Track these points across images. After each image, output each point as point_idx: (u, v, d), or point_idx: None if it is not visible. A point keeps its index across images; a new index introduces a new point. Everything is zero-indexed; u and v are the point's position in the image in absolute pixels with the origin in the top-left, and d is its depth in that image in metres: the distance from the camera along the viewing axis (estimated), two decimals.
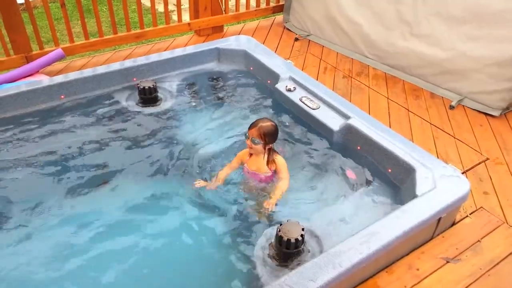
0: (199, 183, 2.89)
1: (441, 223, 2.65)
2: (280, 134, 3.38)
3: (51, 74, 4.22)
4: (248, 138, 2.82)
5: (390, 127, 3.38)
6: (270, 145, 2.86)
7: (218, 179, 2.91)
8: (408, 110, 3.97)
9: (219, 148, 3.32)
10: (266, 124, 2.82)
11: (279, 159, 2.91)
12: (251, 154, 2.93)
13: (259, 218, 2.72)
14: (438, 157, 3.27)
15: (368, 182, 2.97)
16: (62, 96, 3.58)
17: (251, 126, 2.83)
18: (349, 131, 3.16)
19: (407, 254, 2.59)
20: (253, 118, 3.61)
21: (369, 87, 4.32)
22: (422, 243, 2.66)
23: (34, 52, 4.29)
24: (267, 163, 2.88)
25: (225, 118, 3.70)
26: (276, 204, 2.74)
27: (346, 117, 3.23)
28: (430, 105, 4.05)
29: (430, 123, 3.80)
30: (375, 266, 2.42)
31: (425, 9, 4.11)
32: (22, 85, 3.55)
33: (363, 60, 4.79)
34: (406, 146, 2.96)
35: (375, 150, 3.01)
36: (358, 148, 3.13)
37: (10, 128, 3.35)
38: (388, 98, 4.15)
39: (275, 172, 2.91)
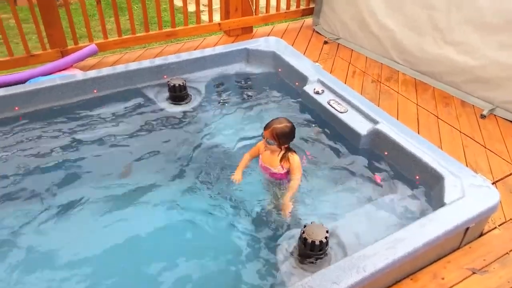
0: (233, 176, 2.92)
1: (469, 233, 2.60)
2: (305, 137, 3.42)
3: (84, 69, 4.34)
4: (264, 139, 2.82)
5: (418, 133, 3.33)
6: (286, 146, 2.84)
7: (239, 168, 2.95)
8: (438, 117, 3.91)
9: (244, 148, 3.33)
10: (280, 125, 2.78)
11: (294, 158, 2.85)
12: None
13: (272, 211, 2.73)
14: (467, 166, 3.21)
15: (394, 188, 2.94)
16: (95, 91, 3.67)
17: (266, 127, 2.80)
18: (377, 136, 3.14)
19: (433, 263, 2.55)
20: None
21: (398, 93, 4.28)
22: (448, 252, 2.62)
23: (69, 47, 4.41)
24: (280, 160, 2.85)
25: (251, 118, 3.72)
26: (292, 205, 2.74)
27: (374, 121, 3.21)
28: (460, 113, 3.98)
29: (460, 132, 3.73)
30: (400, 272, 2.40)
31: (459, 16, 4.04)
32: (57, 79, 3.66)
33: (392, 65, 4.74)
34: (435, 154, 2.92)
35: (403, 156, 2.98)
36: (386, 153, 3.11)
37: (44, 119, 3.45)
38: (417, 104, 4.10)
39: (288, 172, 2.89)
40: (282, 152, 2.85)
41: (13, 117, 3.41)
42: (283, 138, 2.78)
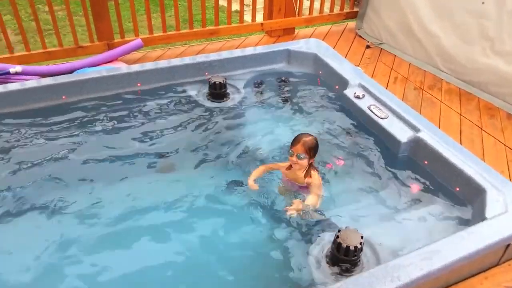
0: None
1: (510, 250, 2.51)
2: (343, 142, 3.39)
3: (129, 62, 4.46)
4: (293, 155, 2.75)
5: (461, 144, 3.24)
6: (313, 159, 2.81)
7: (251, 176, 2.89)
8: (482, 129, 3.79)
9: (278, 150, 3.33)
10: (309, 138, 2.77)
11: (315, 175, 2.84)
12: (289, 167, 2.87)
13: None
14: (511, 181, 3.10)
15: (432, 199, 2.87)
16: (139, 84, 3.77)
17: (295, 143, 2.76)
18: (418, 144, 3.07)
19: (469, 277, 2.48)
20: (318, 122, 3.64)
21: (441, 101, 4.17)
22: (486, 268, 2.53)
23: (115, 40, 4.55)
24: (305, 176, 2.82)
25: (289, 120, 3.72)
26: (300, 214, 2.68)
27: (416, 129, 3.14)
28: (506, 126, 3.84)
29: (505, 145, 3.60)
30: (434, 285, 2.34)
31: (510, 25, 3.90)
32: (103, 71, 3.78)
33: (436, 73, 4.63)
34: (478, 166, 2.83)
35: (443, 166, 2.91)
36: (425, 162, 3.04)
37: (90, 109, 3.58)
38: (460, 114, 3.99)
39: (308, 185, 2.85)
40: (307, 167, 2.82)
41: (60, 105, 3.55)
42: (313, 151, 2.78)
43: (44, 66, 4.20)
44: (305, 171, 2.82)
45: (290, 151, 2.78)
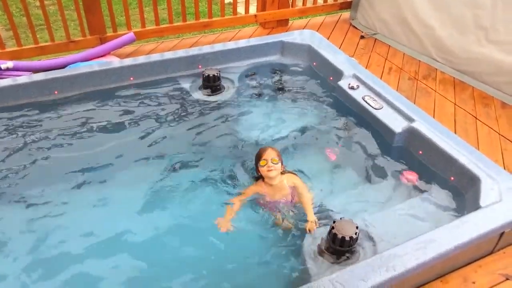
0: (218, 222, 2.63)
1: (504, 238, 2.52)
2: (337, 133, 3.39)
3: (121, 56, 4.43)
4: (267, 162, 2.71)
5: (455, 134, 3.24)
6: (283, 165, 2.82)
7: (226, 218, 2.65)
8: (476, 118, 3.79)
9: (275, 142, 3.32)
10: (272, 146, 2.85)
11: (295, 177, 2.85)
12: (267, 184, 2.79)
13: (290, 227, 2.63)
14: (505, 170, 3.10)
15: (427, 189, 2.87)
16: (131, 78, 3.74)
17: (263, 152, 2.75)
18: (412, 134, 3.07)
19: (464, 266, 2.49)
20: (313, 113, 3.64)
21: (435, 91, 4.17)
22: (480, 256, 2.55)
23: (108, 34, 4.51)
24: (285, 179, 2.81)
25: (284, 111, 3.71)
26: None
27: (410, 119, 3.14)
28: (500, 115, 3.84)
29: (499, 134, 3.60)
30: (429, 274, 2.35)
31: (505, 14, 3.89)
32: (95, 65, 3.75)
33: (431, 63, 4.62)
34: (472, 155, 2.84)
35: (438, 156, 2.91)
36: (420, 152, 3.04)
37: (82, 104, 3.55)
38: (455, 104, 3.99)
39: (293, 188, 2.81)
40: (282, 170, 2.81)
41: (52, 100, 3.52)
42: (281, 156, 2.82)
43: (36, 61, 4.16)
44: (283, 176, 2.81)
45: (261, 162, 2.73)
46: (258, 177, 2.85)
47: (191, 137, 3.38)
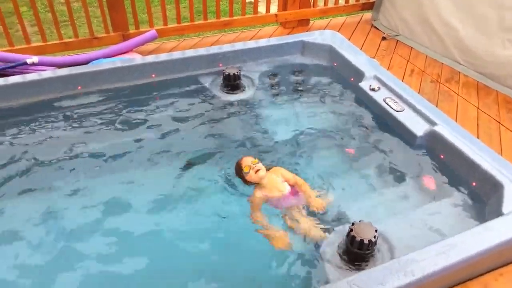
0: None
1: None
2: (357, 135, 3.37)
3: (143, 53, 4.47)
4: (250, 169, 2.73)
5: (478, 138, 3.19)
6: None
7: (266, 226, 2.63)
8: (500, 123, 3.71)
9: (291, 141, 3.32)
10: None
11: (280, 169, 2.86)
12: (261, 187, 2.78)
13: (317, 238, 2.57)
14: None
15: (448, 194, 2.83)
16: (153, 75, 3.78)
17: (241, 162, 2.80)
18: (434, 138, 3.03)
19: (484, 274, 2.45)
20: (333, 114, 3.63)
21: (458, 95, 4.10)
22: (502, 264, 2.49)
23: (130, 31, 4.56)
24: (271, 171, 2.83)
25: (303, 111, 3.70)
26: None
27: (432, 123, 3.10)
28: None
29: None
30: (448, 280, 2.32)
31: None
32: (118, 62, 3.80)
33: (454, 66, 4.55)
34: (495, 161, 2.78)
35: (460, 161, 2.86)
36: (441, 157, 3.00)
37: (105, 99, 3.60)
38: (478, 108, 3.92)
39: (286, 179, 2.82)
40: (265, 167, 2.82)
41: (76, 95, 3.59)
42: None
43: (60, 57, 4.23)
44: (268, 171, 2.82)
45: (244, 170, 2.74)
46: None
47: (209, 134, 3.39)
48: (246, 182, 2.82)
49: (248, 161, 2.78)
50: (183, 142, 3.31)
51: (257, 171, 2.74)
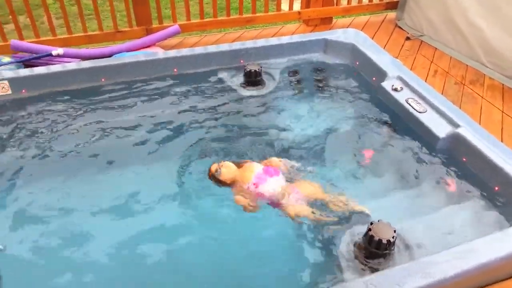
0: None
1: None
2: (378, 135, 3.34)
3: (166, 48, 4.51)
4: (216, 169, 2.75)
5: (502, 142, 3.12)
6: None
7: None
8: None
9: (312, 139, 3.31)
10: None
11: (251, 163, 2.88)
12: (234, 183, 2.79)
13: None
14: None
15: (469, 197, 2.78)
16: (175, 70, 3.81)
17: (208, 171, 2.81)
18: (457, 140, 2.98)
19: (504, 280, 2.40)
20: (354, 113, 3.60)
21: (482, 97, 4.02)
22: None
23: (154, 26, 4.60)
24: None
25: (323, 109, 3.68)
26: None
27: (455, 125, 3.04)
28: None
29: None
30: (467, 284, 2.28)
31: None
32: (141, 55, 3.84)
33: (479, 68, 4.46)
34: None
35: (483, 164, 2.81)
36: (464, 159, 2.95)
37: (127, 92, 3.66)
38: (503, 111, 3.84)
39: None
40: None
41: (99, 87, 3.65)
42: None
43: (84, 49, 4.30)
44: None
45: (214, 172, 2.75)
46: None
47: (230, 130, 3.41)
48: (223, 183, 2.78)
49: (213, 167, 2.79)
50: (204, 137, 3.32)
51: (225, 167, 2.76)
